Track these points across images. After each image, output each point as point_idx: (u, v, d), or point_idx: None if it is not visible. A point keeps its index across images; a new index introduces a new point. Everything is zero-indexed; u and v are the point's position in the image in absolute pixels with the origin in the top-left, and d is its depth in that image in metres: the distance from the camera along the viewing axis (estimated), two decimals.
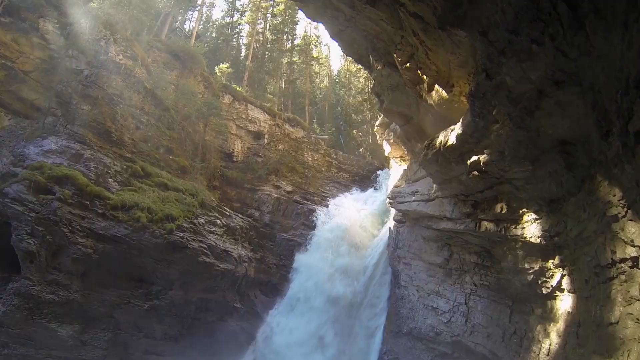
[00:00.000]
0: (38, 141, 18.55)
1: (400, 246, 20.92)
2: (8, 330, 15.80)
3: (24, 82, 19.44)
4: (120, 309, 17.73)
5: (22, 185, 16.72)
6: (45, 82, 19.60)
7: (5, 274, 16.93)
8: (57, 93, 19.34)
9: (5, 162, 17.90)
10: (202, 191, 23.09)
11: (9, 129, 18.74)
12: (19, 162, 17.77)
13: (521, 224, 11.20)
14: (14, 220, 16.35)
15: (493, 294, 14.00)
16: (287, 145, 29.84)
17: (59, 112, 19.50)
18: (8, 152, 18.13)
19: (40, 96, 19.63)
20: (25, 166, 17.51)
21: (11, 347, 15.73)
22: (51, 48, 19.97)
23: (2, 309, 15.92)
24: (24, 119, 19.22)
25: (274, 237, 26.06)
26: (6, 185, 16.72)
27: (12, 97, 19.31)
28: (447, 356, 16.96)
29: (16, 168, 17.51)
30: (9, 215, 16.43)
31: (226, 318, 21.24)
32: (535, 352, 10.85)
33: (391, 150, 23.46)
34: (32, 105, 19.60)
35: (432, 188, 16.40)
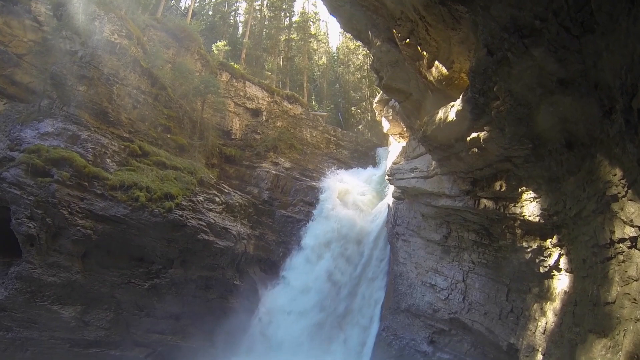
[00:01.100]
0: (34, 124, 18.38)
1: (399, 223, 20.94)
2: (11, 314, 15.96)
3: (18, 65, 19.15)
4: (121, 288, 17.85)
5: (20, 169, 16.65)
6: (39, 64, 19.33)
7: (6, 258, 16.99)
8: (52, 75, 19.07)
9: (2, 147, 17.75)
10: (201, 169, 22.99)
11: (4, 113, 18.57)
12: (15, 146, 17.63)
13: (520, 203, 11.13)
14: (12, 204, 16.33)
15: (491, 272, 14.07)
16: (285, 122, 29.62)
17: (55, 94, 19.27)
18: (4, 137, 17.96)
19: (34, 79, 19.39)
20: (22, 150, 17.39)
21: (15, 330, 15.94)
22: (44, 30, 19.61)
23: (4, 293, 16.04)
24: (19, 102, 19.04)
25: (273, 214, 26.09)
26: (4, 170, 16.64)
27: (7, 81, 19.06)
28: (444, 333, 17.18)
29: (13, 152, 17.39)
30: (7, 199, 16.41)
31: (226, 295, 21.41)
32: (531, 330, 10.94)
33: (390, 127, 23.24)
34: (27, 89, 19.38)
35: (431, 165, 16.31)
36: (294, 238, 25.46)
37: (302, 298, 23.18)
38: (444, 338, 17.22)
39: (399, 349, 19.06)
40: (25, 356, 15.83)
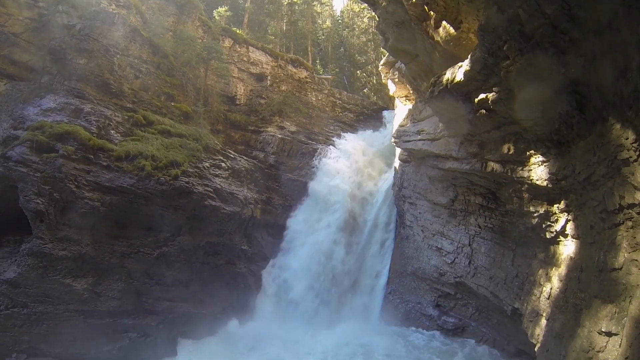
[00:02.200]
0: (36, 101, 18.09)
1: (406, 186, 20.86)
2: (25, 290, 16.18)
3: (16, 44, 18.76)
4: (130, 258, 18.00)
5: (25, 147, 16.52)
6: (37, 41, 18.91)
7: (17, 236, 17.12)
8: (51, 51, 18.68)
9: (5, 127, 17.53)
10: (206, 135, 22.78)
11: (5, 93, 18.28)
12: (19, 124, 17.45)
13: (528, 166, 10.91)
14: (19, 182, 16.31)
15: (497, 236, 14.01)
16: (290, 86, 29.07)
17: (55, 69, 18.92)
18: (7, 117, 17.74)
19: (33, 57, 18.99)
20: (25, 128, 17.21)
21: (30, 306, 16.18)
22: (40, 6, 19.06)
23: (17, 270, 16.22)
24: (19, 81, 18.77)
25: (279, 178, 26.05)
26: (8, 149, 16.53)
27: (5, 61, 18.73)
28: (450, 297, 17.37)
29: (17, 131, 17.21)
30: (14, 178, 16.37)
31: (234, 261, 21.59)
32: (536, 295, 10.95)
33: (396, 89, 22.79)
34: (27, 67, 19.01)
35: (438, 127, 16.05)
36: (300, 201, 25.48)
37: (309, 261, 23.39)
38: (450, 302, 17.44)
39: (405, 312, 19.39)
40: (41, 330, 16.12)
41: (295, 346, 18.19)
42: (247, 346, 18.44)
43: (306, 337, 19.07)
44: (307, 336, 19.20)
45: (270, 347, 18.08)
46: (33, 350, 15.97)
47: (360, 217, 24.30)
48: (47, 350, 16.05)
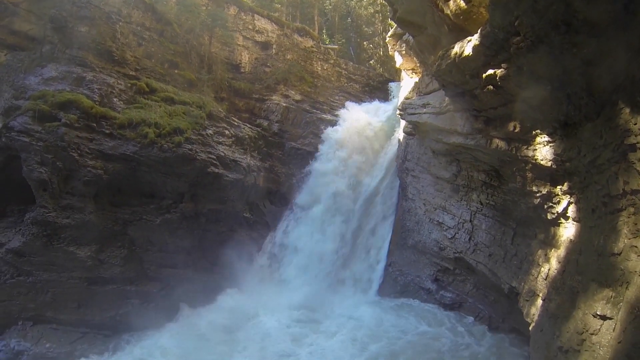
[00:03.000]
0: (37, 70, 18.02)
1: (409, 158, 20.74)
2: (30, 259, 16.55)
3: (15, 14, 18.44)
4: (133, 225, 18.26)
5: (27, 117, 16.57)
6: (37, 10, 18.58)
7: (21, 206, 17.39)
8: (52, 19, 18.35)
9: (7, 97, 17.53)
10: (210, 103, 22.62)
11: (6, 64, 18.23)
12: (20, 94, 17.43)
13: (533, 146, 10.75)
14: (22, 152, 16.41)
15: (498, 214, 13.98)
16: (295, 55, 28.55)
17: (56, 38, 18.68)
18: (8, 87, 17.72)
19: (34, 26, 18.77)
20: (27, 97, 17.19)
21: (35, 274, 16.61)
22: None
23: (22, 240, 16.54)
24: (20, 51, 18.63)
25: (283, 146, 25.99)
26: (10, 119, 16.57)
27: (5, 31, 18.52)
28: (448, 272, 17.52)
29: (18, 101, 17.21)
30: (17, 147, 16.46)
31: (236, 228, 21.82)
32: (533, 275, 11.02)
33: (403, 62, 22.36)
34: (27, 37, 18.85)
35: (444, 101, 15.79)
36: (303, 169, 25.48)
37: (311, 230, 23.56)
38: (448, 277, 17.61)
39: (404, 284, 19.62)
40: (46, 298, 16.60)
41: (289, 314, 18.62)
42: (244, 314, 18.83)
43: (302, 307, 19.39)
44: (303, 306, 19.50)
45: (266, 317, 18.49)
46: (39, 317, 16.50)
47: (362, 188, 24.29)
48: (53, 317, 16.55)
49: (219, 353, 15.77)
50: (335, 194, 24.15)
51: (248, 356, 15.58)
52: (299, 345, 16.05)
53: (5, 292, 16.34)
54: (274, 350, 15.84)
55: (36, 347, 15.83)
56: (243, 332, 17.31)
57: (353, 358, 14.69)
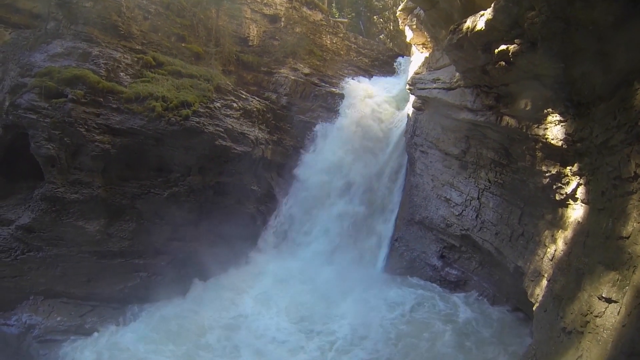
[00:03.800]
0: (43, 47, 17.84)
1: (418, 133, 20.54)
2: (40, 235, 16.73)
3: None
4: (141, 199, 18.29)
5: (33, 94, 16.48)
6: None
7: (30, 182, 17.48)
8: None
9: (13, 75, 17.41)
10: (217, 76, 22.35)
11: (11, 42, 18.09)
12: (26, 72, 17.28)
13: (544, 124, 10.54)
14: (30, 129, 16.42)
15: (506, 193, 13.84)
16: (304, 28, 27.90)
17: (60, 14, 18.43)
18: (14, 65, 17.59)
19: (37, 3, 18.59)
20: (33, 74, 17.05)
21: (45, 250, 16.80)
22: None
23: (31, 216, 16.70)
24: (25, 29, 18.47)
25: (291, 119, 25.75)
26: (17, 97, 16.51)
27: (9, 10, 18.42)
28: (454, 249, 17.52)
29: (24, 78, 17.08)
30: (24, 125, 16.46)
31: (243, 201, 21.82)
32: (539, 256, 10.98)
33: (413, 36, 21.90)
34: (31, 14, 18.72)
35: (455, 77, 15.53)
36: (312, 143, 25.34)
37: (317, 202, 23.60)
38: (454, 254, 17.62)
39: (410, 260, 19.68)
40: (56, 272, 16.83)
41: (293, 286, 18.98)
42: (250, 285, 19.18)
43: (306, 279, 19.70)
44: (305, 280, 19.77)
45: (273, 289, 18.81)
46: (49, 291, 16.79)
47: (370, 162, 24.14)
48: (63, 291, 16.85)
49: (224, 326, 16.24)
50: (342, 167, 24.02)
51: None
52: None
53: (16, 268, 16.62)
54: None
55: (47, 321, 16.14)
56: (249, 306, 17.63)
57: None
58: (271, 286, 19.17)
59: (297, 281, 19.59)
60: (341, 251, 22.38)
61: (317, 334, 15.80)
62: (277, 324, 16.50)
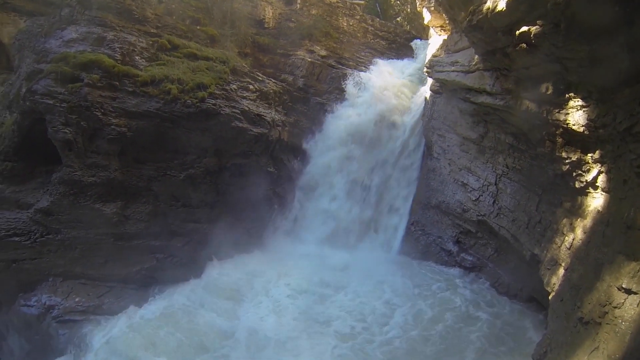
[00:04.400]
0: (57, 33, 17.96)
1: (436, 117, 20.28)
2: (58, 217, 17.03)
3: None
4: (157, 181, 18.44)
5: (49, 79, 16.63)
6: None
7: (48, 167, 17.74)
8: None
9: (29, 62, 17.56)
10: (233, 58, 22.26)
11: (26, 30, 18.34)
12: (42, 58, 17.41)
13: (565, 109, 10.18)
14: (47, 114, 16.58)
15: (524, 179, 13.56)
16: (320, 10, 27.53)
17: (74, 0, 18.54)
18: (30, 52, 17.76)
19: None
20: (49, 60, 17.18)
21: (63, 232, 17.11)
22: None
23: (49, 199, 16.99)
24: (39, 16, 18.61)
25: (308, 101, 25.54)
26: (34, 83, 16.64)
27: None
28: (470, 234, 17.35)
29: (40, 64, 17.22)
30: (41, 110, 16.62)
31: (260, 183, 21.77)
32: (557, 244, 10.75)
33: (431, 18, 21.45)
34: (45, 2, 18.98)
35: (474, 59, 15.12)
36: (327, 125, 25.15)
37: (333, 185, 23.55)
38: (470, 240, 17.47)
39: (425, 244, 19.63)
40: (75, 254, 17.15)
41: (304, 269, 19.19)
42: (266, 267, 19.39)
43: (318, 262, 19.90)
44: (320, 260, 20.01)
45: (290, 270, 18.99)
46: (68, 273, 17.14)
47: (387, 143, 23.90)
48: (81, 272, 17.19)
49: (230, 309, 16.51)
50: (359, 149, 23.81)
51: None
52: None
53: (36, 250, 16.96)
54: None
55: (66, 302, 16.49)
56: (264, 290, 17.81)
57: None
58: (289, 268, 19.37)
59: (312, 262, 19.78)
60: (357, 234, 22.41)
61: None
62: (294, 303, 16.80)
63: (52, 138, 16.77)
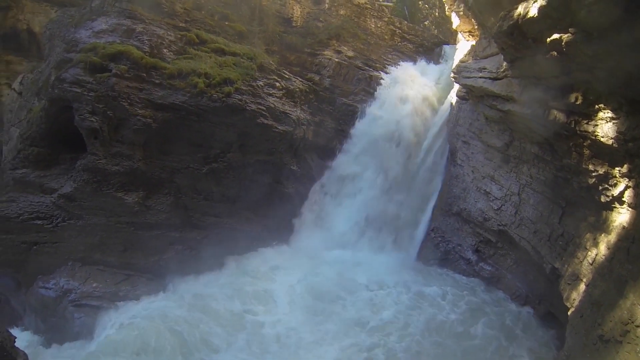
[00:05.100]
0: (88, 24, 18.43)
1: (461, 123, 20.03)
2: (81, 204, 17.41)
3: None
4: (180, 173, 18.70)
5: (78, 68, 17.02)
6: None
7: (73, 154, 18.13)
8: None
9: (59, 51, 17.96)
10: (261, 55, 22.44)
11: (57, 20, 18.91)
12: (72, 47, 17.83)
13: (594, 121, 9.91)
14: (74, 102, 16.96)
15: (548, 190, 13.23)
16: (349, 10, 27.53)
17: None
18: (60, 42, 18.19)
19: None
20: (78, 50, 17.61)
21: (85, 218, 17.48)
22: None
23: (73, 185, 17.37)
24: (70, 7, 19.17)
25: (334, 102, 25.53)
26: (63, 72, 17.06)
27: None
28: (490, 244, 17.04)
29: (70, 54, 17.64)
30: (69, 98, 17.01)
31: (282, 180, 21.93)
32: (579, 259, 10.46)
33: (460, 23, 21.19)
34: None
35: (502, 66, 14.87)
36: (353, 126, 25.08)
37: (354, 188, 23.47)
38: (490, 249, 17.16)
39: (444, 251, 19.38)
40: (95, 241, 17.47)
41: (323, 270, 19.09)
42: (286, 265, 19.40)
43: (337, 263, 19.79)
44: (338, 262, 19.90)
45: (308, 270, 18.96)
46: (87, 258, 17.47)
47: (411, 149, 23.72)
48: (100, 258, 17.50)
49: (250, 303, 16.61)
50: (383, 154, 23.69)
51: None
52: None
53: (57, 235, 17.34)
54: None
55: (83, 287, 16.78)
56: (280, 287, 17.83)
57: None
58: (307, 267, 19.34)
59: (330, 263, 19.70)
60: (376, 237, 22.26)
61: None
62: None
63: (79, 126, 17.17)
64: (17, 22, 21.65)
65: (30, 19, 21.72)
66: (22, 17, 21.64)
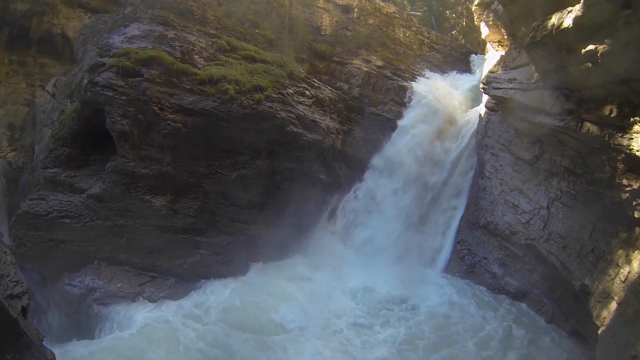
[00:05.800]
0: (121, 30, 18.94)
1: (490, 135, 19.75)
2: (109, 205, 17.79)
3: None
4: (208, 179, 18.91)
5: (111, 72, 17.47)
6: None
7: (103, 155, 18.59)
8: None
9: (92, 55, 18.49)
10: (290, 63, 22.68)
11: (90, 25, 19.48)
12: (105, 52, 18.37)
13: (629, 134, 9.64)
14: (106, 105, 17.42)
15: (578, 205, 12.89)
16: (377, 20, 27.65)
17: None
18: (93, 46, 18.72)
19: None
20: (111, 55, 18.13)
21: (112, 219, 17.87)
22: None
23: (102, 186, 17.78)
24: (103, 13, 19.74)
25: (363, 111, 25.53)
26: (95, 75, 17.56)
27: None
28: (517, 258, 16.68)
29: (103, 58, 18.18)
30: (101, 101, 17.47)
31: (310, 188, 21.86)
32: (610, 276, 10.13)
33: (489, 33, 20.93)
34: (110, 0, 20.09)
35: (533, 77, 14.62)
36: (382, 136, 25.00)
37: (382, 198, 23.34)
38: (516, 263, 16.80)
39: (470, 264, 19.09)
40: (121, 242, 17.88)
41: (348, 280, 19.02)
42: (311, 274, 19.48)
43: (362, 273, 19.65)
44: (363, 272, 19.74)
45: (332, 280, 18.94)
46: (113, 258, 17.90)
47: (439, 160, 23.49)
48: (126, 259, 17.91)
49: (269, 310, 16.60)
50: (411, 164, 23.54)
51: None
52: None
53: (85, 234, 17.77)
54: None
55: (108, 286, 17.18)
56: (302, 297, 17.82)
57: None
58: (331, 277, 19.32)
59: (357, 274, 19.58)
60: (402, 249, 22.02)
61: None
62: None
63: (110, 128, 17.61)
64: (52, 26, 22.43)
65: (64, 24, 22.49)
66: (57, 21, 22.41)
